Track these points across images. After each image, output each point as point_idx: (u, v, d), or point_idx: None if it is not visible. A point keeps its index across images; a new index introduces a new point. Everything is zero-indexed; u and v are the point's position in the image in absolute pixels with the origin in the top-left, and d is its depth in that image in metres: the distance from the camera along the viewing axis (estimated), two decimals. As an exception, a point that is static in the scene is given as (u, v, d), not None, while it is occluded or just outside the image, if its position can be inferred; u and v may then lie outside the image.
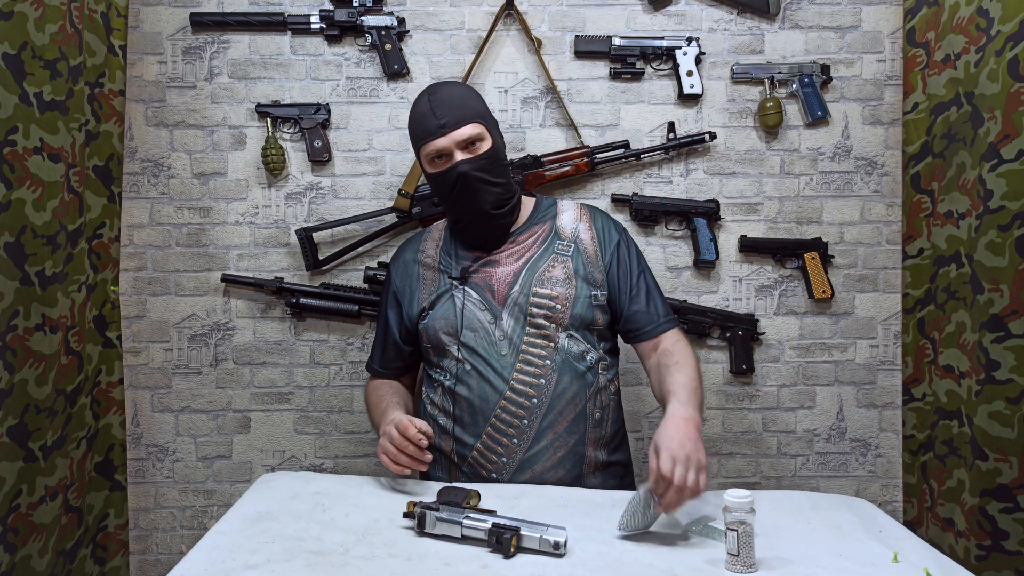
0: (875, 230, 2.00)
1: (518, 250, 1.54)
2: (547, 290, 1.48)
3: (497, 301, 1.49)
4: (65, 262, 1.67)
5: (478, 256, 1.54)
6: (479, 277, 1.52)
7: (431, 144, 1.48)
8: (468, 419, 1.48)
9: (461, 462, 1.50)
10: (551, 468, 1.46)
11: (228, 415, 2.00)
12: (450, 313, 1.50)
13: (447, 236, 1.61)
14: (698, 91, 1.95)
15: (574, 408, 1.47)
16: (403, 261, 1.63)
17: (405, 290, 1.58)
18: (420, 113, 1.50)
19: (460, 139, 1.47)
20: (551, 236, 1.55)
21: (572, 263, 1.52)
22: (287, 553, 1.13)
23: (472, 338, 1.48)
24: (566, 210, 1.60)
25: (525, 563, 1.10)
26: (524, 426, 1.45)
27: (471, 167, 1.46)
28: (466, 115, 1.48)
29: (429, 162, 1.51)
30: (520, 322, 1.48)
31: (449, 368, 1.51)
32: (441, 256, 1.57)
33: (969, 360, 1.72)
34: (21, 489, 1.53)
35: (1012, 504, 1.61)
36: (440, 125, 1.46)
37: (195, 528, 1.99)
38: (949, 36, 1.79)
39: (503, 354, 1.47)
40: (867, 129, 1.99)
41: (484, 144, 1.49)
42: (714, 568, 1.10)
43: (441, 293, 1.53)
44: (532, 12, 1.97)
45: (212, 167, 1.98)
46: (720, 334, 1.98)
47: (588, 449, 1.49)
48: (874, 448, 2.02)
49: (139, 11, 1.95)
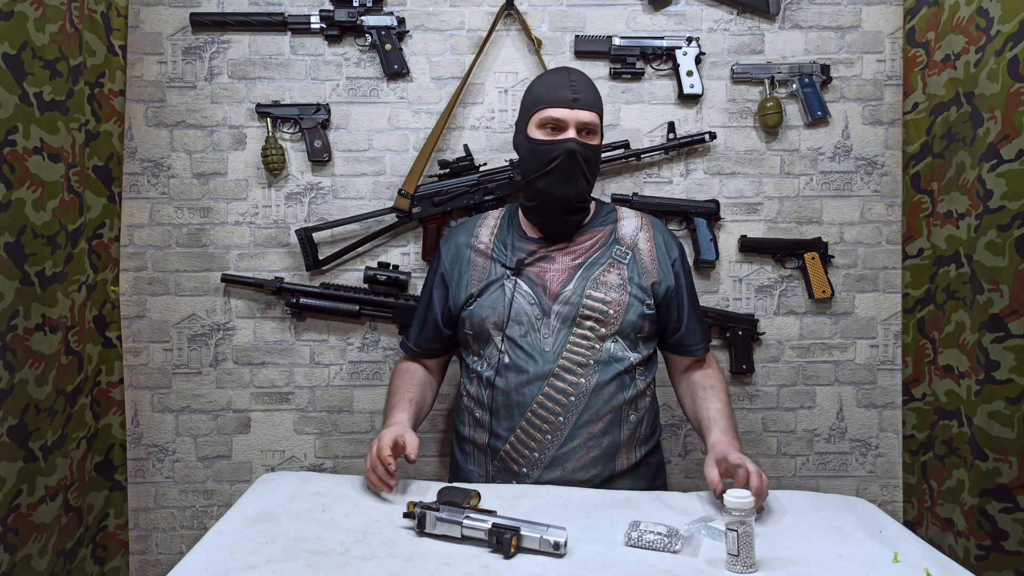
0: (875, 230, 2.00)
1: (576, 250, 1.53)
2: (601, 294, 1.48)
3: (548, 297, 1.49)
4: (65, 262, 1.67)
5: (534, 250, 1.53)
6: (533, 271, 1.51)
7: (556, 111, 1.47)
8: (504, 412, 1.48)
9: (493, 455, 1.50)
10: (582, 467, 1.46)
11: (228, 415, 2.00)
12: (499, 303, 1.49)
13: (504, 224, 1.60)
14: (698, 91, 1.95)
15: (611, 409, 1.47)
16: (455, 244, 1.61)
17: (454, 273, 1.57)
18: (555, 80, 1.51)
19: (583, 120, 1.47)
20: (610, 241, 1.55)
21: (628, 270, 1.51)
22: (287, 553, 1.13)
23: (517, 331, 1.48)
24: (627, 217, 1.60)
25: (525, 563, 1.10)
26: (559, 423, 1.45)
27: (581, 148, 1.47)
28: (596, 104, 1.51)
29: (539, 126, 1.49)
30: (568, 322, 1.47)
31: (490, 358, 1.50)
32: (495, 244, 1.56)
33: (969, 360, 1.72)
34: (21, 489, 1.53)
35: (1012, 504, 1.61)
36: (574, 98, 1.47)
37: (195, 528, 1.99)
38: (949, 36, 1.79)
39: (546, 351, 1.47)
40: (867, 129, 1.99)
41: (595, 138, 1.51)
42: (714, 568, 1.10)
43: (491, 281, 1.52)
44: (532, 12, 1.97)
45: (212, 167, 1.98)
46: (720, 334, 1.98)
47: (621, 451, 1.49)
48: (874, 448, 2.02)
49: (139, 11, 1.95)
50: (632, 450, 1.50)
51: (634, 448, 1.51)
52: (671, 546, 1.15)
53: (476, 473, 1.53)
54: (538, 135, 1.49)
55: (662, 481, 1.60)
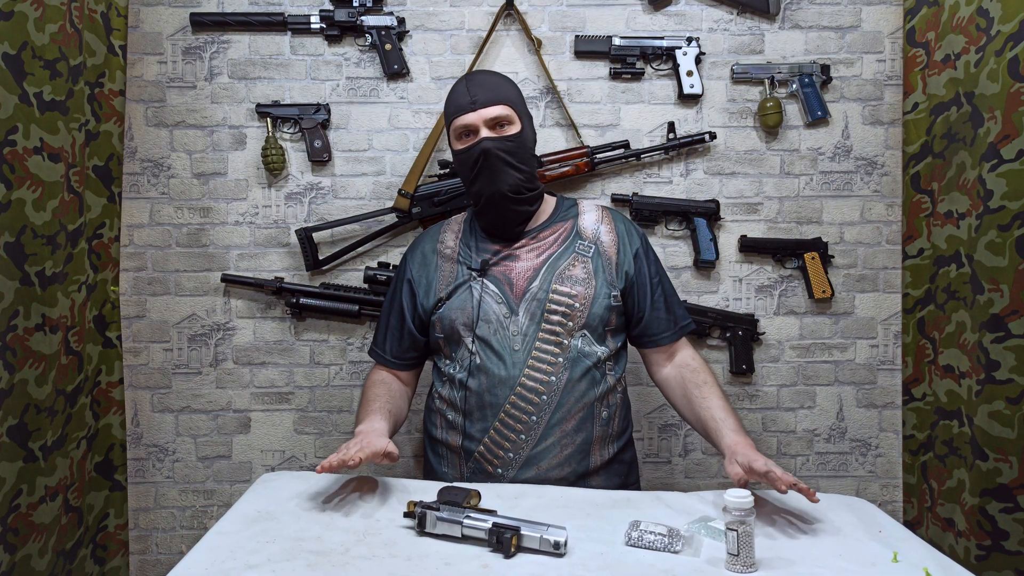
0: (875, 230, 2.00)
1: (539, 246, 1.54)
2: (567, 288, 1.49)
3: (515, 295, 1.50)
4: (65, 262, 1.67)
5: (498, 249, 1.54)
6: (498, 270, 1.52)
7: (460, 119, 1.50)
8: (477, 413, 1.48)
9: (467, 456, 1.50)
10: (557, 466, 1.47)
11: (228, 415, 2.00)
12: (467, 304, 1.50)
13: (467, 228, 1.61)
14: (698, 91, 1.95)
15: (583, 406, 1.48)
16: (421, 252, 1.62)
17: (422, 280, 1.58)
18: (455, 91, 1.53)
19: (488, 116, 1.48)
20: (572, 235, 1.55)
21: (592, 263, 1.52)
22: (287, 553, 1.13)
23: (487, 330, 1.48)
24: (588, 211, 1.60)
25: (525, 563, 1.10)
26: (532, 422, 1.46)
27: (495, 145, 1.48)
28: (499, 96, 1.51)
29: (457, 138, 1.52)
30: (536, 318, 1.48)
31: (461, 360, 1.50)
32: (460, 248, 1.57)
33: (969, 360, 1.72)
34: (21, 489, 1.52)
35: (1012, 504, 1.61)
36: (471, 101, 1.48)
37: (195, 528, 1.99)
38: (949, 36, 1.79)
39: (516, 349, 1.47)
40: (867, 129, 1.99)
41: (512, 127, 1.51)
42: (714, 568, 1.10)
43: (459, 284, 1.53)
44: (532, 12, 1.97)
45: (212, 167, 1.98)
46: (720, 334, 1.98)
47: (594, 448, 1.49)
48: (874, 448, 2.02)
49: (139, 11, 1.95)
50: (605, 446, 1.51)
51: (607, 444, 1.51)
52: (671, 546, 1.15)
53: (450, 475, 1.53)
54: (458, 145, 1.52)
55: (635, 477, 1.60)
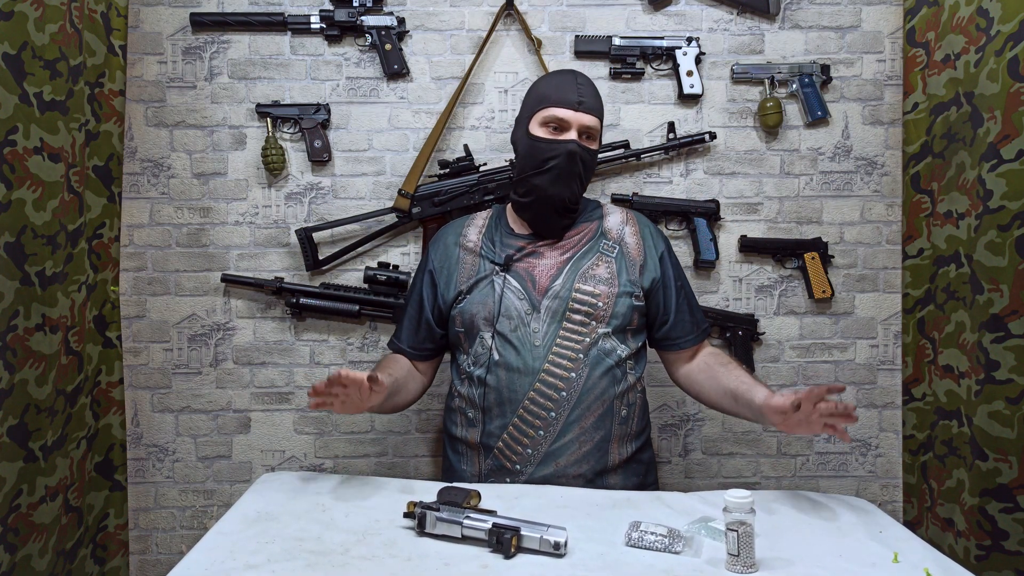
0: (875, 230, 2.00)
1: (564, 245, 1.55)
2: (590, 287, 1.49)
3: (537, 292, 1.50)
4: (65, 262, 1.67)
5: (523, 246, 1.54)
6: (521, 267, 1.52)
7: (560, 111, 1.49)
8: (496, 409, 1.49)
9: (486, 453, 1.50)
10: (575, 462, 1.47)
11: (228, 415, 2.00)
12: (488, 299, 1.50)
13: (492, 223, 1.61)
14: (698, 91, 1.95)
15: (602, 404, 1.48)
16: (444, 243, 1.62)
17: (443, 272, 1.58)
18: (562, 81, 1.53)
19: (585, 123, 1.50)
20: (597, 235, 1.56)
21: (616, 263, 1.53)
22: (287, 553, 1.13)
23: (507, 326, 1.48)
24: (612, 213, 1.62)
25: (525, 563, 1.10)
26: (551, 419, 1.46)
27: (581, 151, 1.49)
28: (598, 110, 1.54)
29: (542, 124, 1.51)
30: (558, 316, 1.48)
31: (480, 355, 1.50)
32: (483, 242, 1.57)
33: (969, 360, 1.72)
34: (21, 489, 1.53)
35: (1012, 504, 1.61)
36: (579, 101, 1.49)
37: (195, 528, 1.99)
38: (949, 36, 1.79)
39: (536, 345, 1.47)
40: (867, 129, 1.99)
41: (594, 143, 1.54)
42: (714, 568, 1.10)
43: (481, 278, 1.53)
44: (532, 12, 1.97)
45: (212, 167, 1.98)
46: (720, 334, 1.98)
47: (613, 446, 1.49)
48: (874, 448, 2.02)
49: (139, 11, 1.95)
50: (623, 445, 1.51)
51: (625, 443, 1.51)
52: (671, 547, 1.15)
53: (469, 472, 1.53)
54: (540, 132, 1.51)
55: (653, 478, 1.60)
